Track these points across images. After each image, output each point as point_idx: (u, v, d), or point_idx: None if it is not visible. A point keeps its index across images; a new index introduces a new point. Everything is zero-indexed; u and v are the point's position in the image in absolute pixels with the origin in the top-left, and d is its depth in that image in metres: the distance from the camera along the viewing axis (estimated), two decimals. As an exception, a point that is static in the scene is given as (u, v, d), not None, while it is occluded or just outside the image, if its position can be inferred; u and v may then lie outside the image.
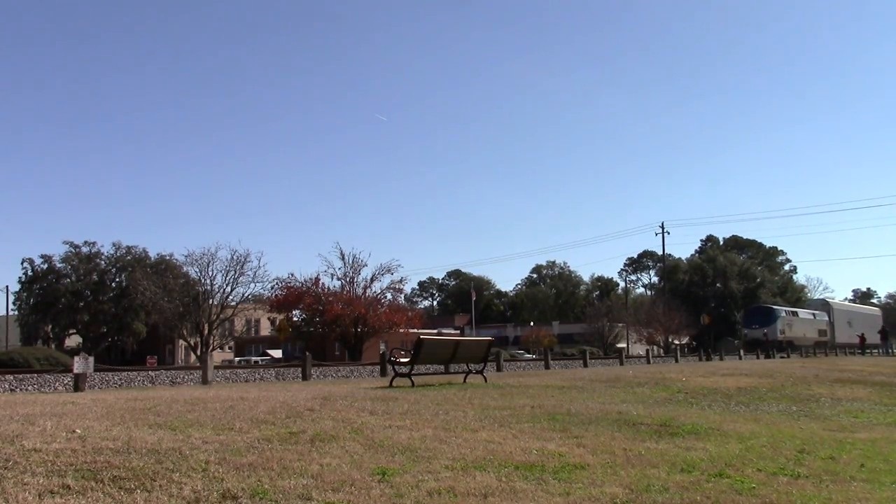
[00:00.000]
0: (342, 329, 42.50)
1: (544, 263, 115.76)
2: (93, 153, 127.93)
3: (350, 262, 46.15)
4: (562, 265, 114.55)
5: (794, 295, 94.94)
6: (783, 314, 59.38)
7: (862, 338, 69.15)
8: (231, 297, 51.61)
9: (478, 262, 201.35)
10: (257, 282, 51.86)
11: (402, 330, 44.20)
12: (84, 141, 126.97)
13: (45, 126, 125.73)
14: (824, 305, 69.70)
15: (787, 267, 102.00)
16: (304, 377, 17.70)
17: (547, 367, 24.12)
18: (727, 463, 5.94)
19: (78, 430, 6.09)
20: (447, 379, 13.76)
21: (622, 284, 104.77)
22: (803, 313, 64.28)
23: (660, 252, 77.71)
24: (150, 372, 18.11)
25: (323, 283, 44.94)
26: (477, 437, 6.55)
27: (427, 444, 6.11)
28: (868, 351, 61.04)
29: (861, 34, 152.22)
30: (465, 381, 13.57)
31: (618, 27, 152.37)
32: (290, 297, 44.05)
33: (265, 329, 63.72)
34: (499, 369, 21.30)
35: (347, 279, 46.12)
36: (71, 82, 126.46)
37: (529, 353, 60.35)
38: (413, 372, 12.97)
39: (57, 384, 15.43)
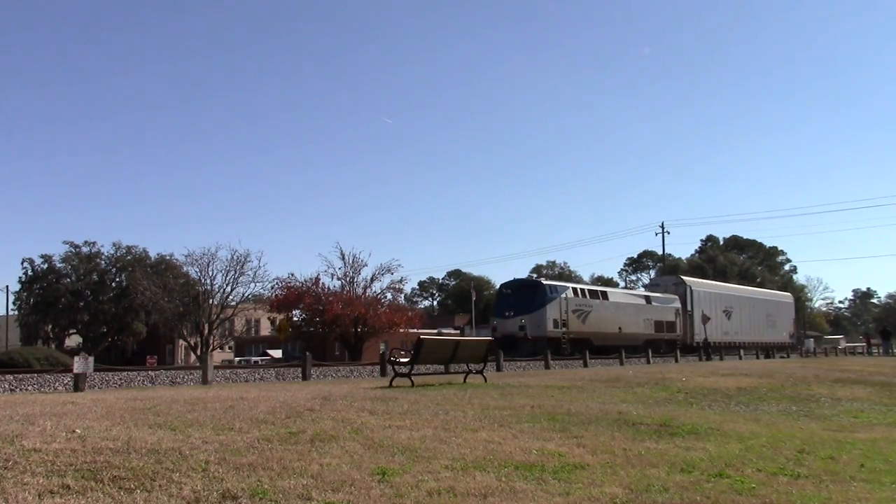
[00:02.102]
0: (342, 329, 42.51)
1: (544, 263, 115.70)
2: (93, 153, 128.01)
3: (350, 262, 46.24)
4: (562, 265, 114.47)
5: (794, 295, 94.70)
6: (567, 294, 35.63)
7: (867, 338, 64.00)
8: (231, 297, 51.73)
9: (478, 262, 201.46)
10: (257, 282, 51.99)
11: (402, 330, 44.22)
12: (84, 141, 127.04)
13: (45, 126, 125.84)
14: (677, 285, 44.88)
15: (787, 267, 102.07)
16: (304, 377, 17.69)
17: (547, 367, 24.11)
18: (727, 463, 5.94)
19: (78, 430, 6.09)
20: (447, 379, 13.76)
21: (622, 284, 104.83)
22: (619, 295, 41.47)
23: (660, 252, 77.75)
24: (150, 372, 18.10)
25: (323, 283, 45.00)
26: (477, 437, 6.56)
27: (427, 444, 6.12)
28: (782, 353, 46.99)
29: (861, 34, 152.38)
30: (465, 381, 13.57)
31: (618, 27, 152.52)
32: (290, 297, 44.07)
33: (265, 329, 63.71)
34: (499, 369, 21.29)
35: (347, 279, 46.19)
36: (71, 82, 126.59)
37: None
38: (413, 372, 12.98)
39: (57, 384, 15.41)
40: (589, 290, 38.46)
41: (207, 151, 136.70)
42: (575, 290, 37.13)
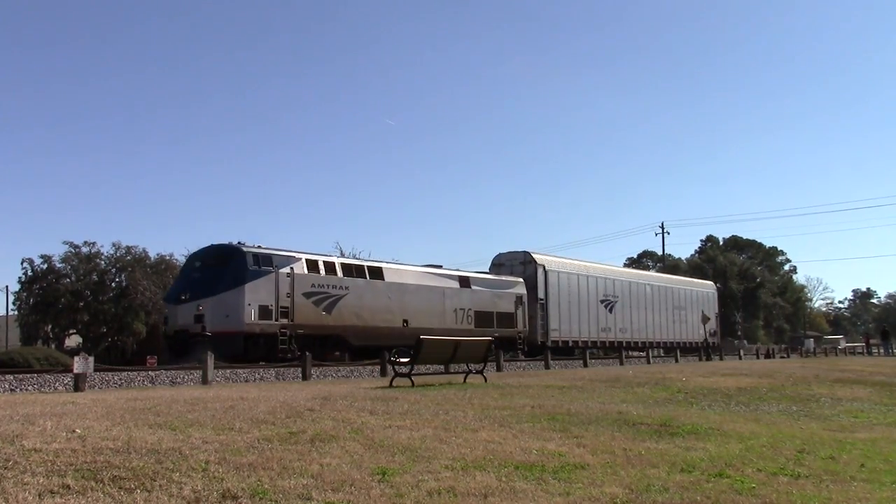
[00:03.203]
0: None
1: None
2: (93, 153, 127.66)
3: (350, 262, 46.17)
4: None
5: (794, 295, 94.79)
6: (295, 268, 23.32)
7: (867, 338, 63.39)
8: (231, 298, 51.69)
9: (478, 262, 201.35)
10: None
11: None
12: (83, 141, 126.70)
13: (44, 126, 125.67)
14: (525, 264, 33.97)
15: (787, 267, 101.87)
16: (304, 377, 17.70)
17: (547, 367, 24.13)
18: (727, 463, 5.94)
19: (78, 430, 6.09)
20: (447, 379, 13.77)
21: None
22: (407, 274, 27.79)
23: (660, 252, 77.71)
24: (150, 372, 18.09)
25: (322, 283, 44.94)
26: (477, 437, 6.56)
27: (427, 443, 6.12)
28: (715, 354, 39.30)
29: (861, 34, 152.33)
30: (465, 381, 13.58)
31: (618, 27, 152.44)
32: (290, 297, 43.99)
33: (265, 329, 63.73)
34: (499, 369, 21.29)
35: (347, 279, 46.07)
36: (71, 82, 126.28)
37: None
38: (413, 372, 12.98)
39: (57, 384, 15.41)
40: (344, 265, 25.47)
41: (207, 151, 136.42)
42: (314, 262, 24.14)
